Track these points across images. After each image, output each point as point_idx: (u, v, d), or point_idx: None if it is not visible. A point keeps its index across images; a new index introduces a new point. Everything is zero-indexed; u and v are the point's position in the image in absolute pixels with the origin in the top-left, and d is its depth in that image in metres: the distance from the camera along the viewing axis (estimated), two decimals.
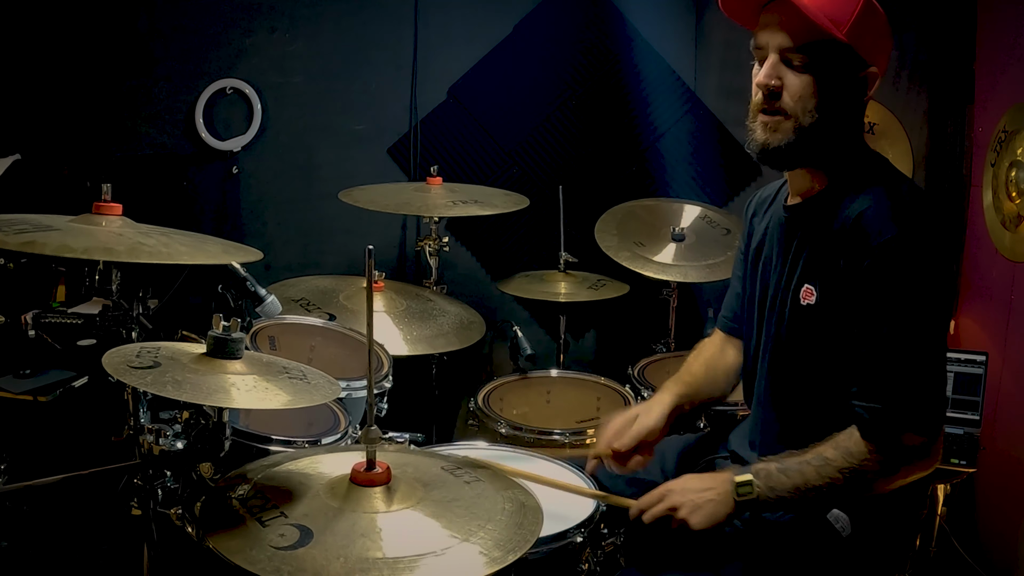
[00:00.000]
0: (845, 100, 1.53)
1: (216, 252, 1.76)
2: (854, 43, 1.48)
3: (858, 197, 1.51)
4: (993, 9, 2.94)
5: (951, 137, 3.11)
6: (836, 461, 1.48)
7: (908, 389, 1.45)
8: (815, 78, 1.49)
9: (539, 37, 3.26)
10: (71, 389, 2.54)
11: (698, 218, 3.02)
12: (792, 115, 1.51)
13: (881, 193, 1.49)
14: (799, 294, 1.58)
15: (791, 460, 1.52)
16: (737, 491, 1.52)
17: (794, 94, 1.50)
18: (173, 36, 3.10)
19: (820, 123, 1.51)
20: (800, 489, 1.50)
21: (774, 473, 1.52)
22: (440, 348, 2.56)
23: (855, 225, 1.48)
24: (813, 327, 1.56)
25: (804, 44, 1.48)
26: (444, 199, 2.78)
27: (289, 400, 1.48)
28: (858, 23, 1.48)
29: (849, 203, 1.52)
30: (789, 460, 1.52)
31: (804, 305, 1.57)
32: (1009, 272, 2.71)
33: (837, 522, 1.57)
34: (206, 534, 1.30)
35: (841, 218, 1.51)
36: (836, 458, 1.48)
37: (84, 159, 3.04)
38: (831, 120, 1.52)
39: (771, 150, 1.55)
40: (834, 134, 1.54)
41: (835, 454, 1.48)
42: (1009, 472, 2.66)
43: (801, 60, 1.49)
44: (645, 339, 3.04)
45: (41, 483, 1.72)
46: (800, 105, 1.51)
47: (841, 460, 1.48)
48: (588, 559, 1.74)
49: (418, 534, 1.31)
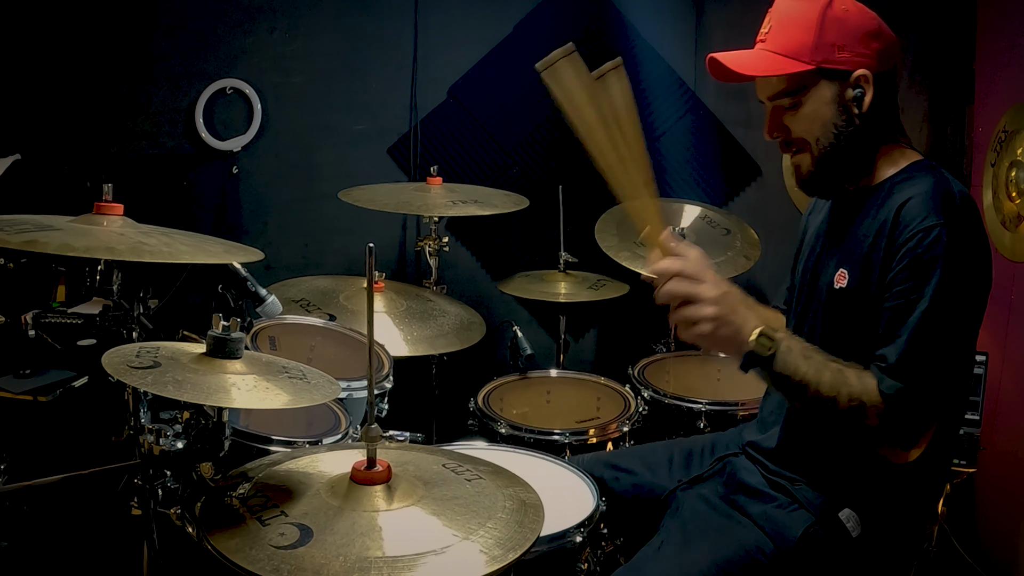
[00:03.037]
0: (850, 111, 1.56)
1: (217, 252, 1.76)
2: (827, 64, 1.54)
3: (904, 189, 1.53)
4: (993, 9, 2.94)
5: (951, 137, 3.12)
6: (852, 386, 1.46)
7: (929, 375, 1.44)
8: (809, 110, 1.57)
9: (539, 37, 3.26)
10: (71, 389, 2.54)
11: (698, 218, 3.03)
12: (808, 143, 1.59)
13: (927, 186, 1.51)
14: (833, 278, 1.60)
15: (817, 355, 1.49)
16: (757, 338, 1.47)
17: (799, 129, 1.60)
18: (173, 36, 3.10)
19: (838, 140, 1.57)
20: (807, 381, 1.47)
21: (797, 350, 1.48)
22: (440, 348, 2.56)
23: (897, 213, 1.49)
24: (843, 310, 1.58)
25: (783, 89, 1.58)
26: (444, 199, 2.78)
27: (289, 400, 1.48)
28: (820, 46, 1.54)
29: (894, 194, 1.54)
30: (816, 353, 1.49)
31: (837, 289, 1.59)
32: (1009, 272, 2.71)
33: (848, 521, 1.57)
34: (206, 534, 1.30)
35: (884, 207, 1.53)
36: (854, 384, 1.46)
37: (84, 159, 3.04)
38: (847, 133, 1.56)
39: (807, 180, 1.64)
40: (860, 141, 1.58)
41: (855, 381, 1.46)
42: (1009, 472, 2.67)
43: (789, 102, 1.59)
44: (645, 339, 3.04)
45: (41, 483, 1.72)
46: (810, 135, 1.59)
47: (857, 388, 1.45)
48: (588, 559, 1.74)
49: (418, 532, 1.31)
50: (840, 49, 1.54)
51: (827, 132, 1.57)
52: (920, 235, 1.45)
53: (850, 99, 1.55)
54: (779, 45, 1.57)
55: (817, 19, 1.53)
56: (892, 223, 1.50)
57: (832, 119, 1.56)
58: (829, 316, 1.61)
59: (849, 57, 1.54)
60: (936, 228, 1.44)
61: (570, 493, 1.87)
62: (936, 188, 1.50)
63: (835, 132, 1.57)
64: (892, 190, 1.55)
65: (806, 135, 1.59)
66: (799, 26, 1.55)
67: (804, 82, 1.56)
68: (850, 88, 1.55)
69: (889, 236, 1.50)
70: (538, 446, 2.18)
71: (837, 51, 1.54)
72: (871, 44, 1.55)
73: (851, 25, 1.54)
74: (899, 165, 1.59)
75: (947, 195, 1.49)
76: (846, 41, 1.54)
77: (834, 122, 1.56)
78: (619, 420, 2.36)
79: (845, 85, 1.55)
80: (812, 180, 1.63)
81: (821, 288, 1.64)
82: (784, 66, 1.55)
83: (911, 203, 1.49)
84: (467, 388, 2.54)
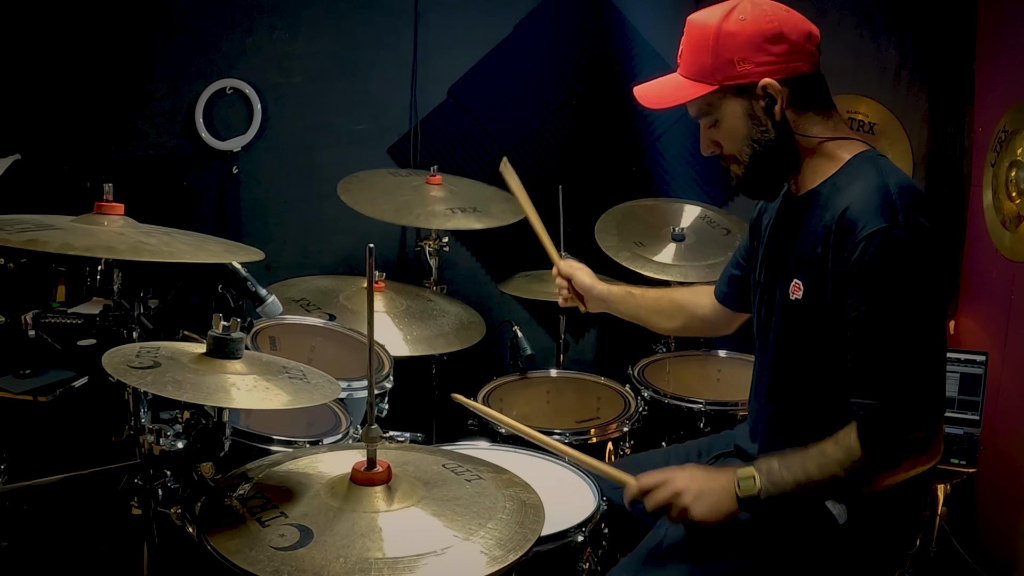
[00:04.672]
0: (764, 122, 1.56)
1: (218, 251, 1.76)
2: (731, 80, 1.54)
3: (844, 190, 1.51)
4: (993, 9, 2.94)
5: (951, 137, 3.11)
6: (837, 455, 1.48)
7: (903, 384, 1.44)
8: (727, 126, 1.59)
9: (539, 37, 3.26)
10: (71, 389, 2.54)
11: (698, 218, 3.02)
12: (735, 157, 1.62)
13: (864, 186, 1.49)
14: (788, 288, 1.60)
15: (793, 456, 1.52)
16: (739, 484, 1.52)
17: (725, 144, 1.62)
18: (173, 36, 3.10)
19: (757, 151, 1.59)
20: (801, 483, 1.50)
21: (776, 468, 1.52)
22: (440, 348, 2.56)
23: (839, 221, 1.48)
24: (802, 321, 1.58)
25: (698, 111, 1.62)
26: (443, 205, 2.78)
27: (289, 400, 1.48)
28: (718, 65, 1.54)
29: (833, 196, 1.53)
30: (791, 456, 1.52)
31: (793, 299, 1.58)
32: (1009, 272, 2.72)
33: (834, 508, 1.58)
34: (206, 534, 1.30)
35: (828, 211, 1.52)
36: (836, 453, 1.48)
37: (84, 159, 3.04)
38: (765, 142, 1.58)
39: (740, 186, 1.66)
40: (783, 146, 1.58)
41: (835, 449, 1.48)
42: (1009, 472, 2.67)
43: (707, 122, 1.63)
44: (645, 339, 3.03)
45: (41, 483, 1.72)
46: (733, 149, 1.61)
47: (842, 455, 1.48)
48: (588, 559, 1.74)
49: (419, 533, 1.31)
50: (740, 63, 1.53)
51: (746, 145, 1.59)
52: (863, 243, 1.44)
53: (760, 109, 1.55)
54: (687, 69, 1.59)
55: (712, 37, 1.53)
56: (836, 231, 1.48)
57: (747, 133, 1.57)
58: (787, 326, 1.62)
59: (752, 68, 1.53)
60: (878, 234, 1.43)
61: (571, 493, 1.87)
62: (874, 187, 1.48)
63: (753, 144, 1.58)
64: (832, 192, 1.54)
65: (731, 150, 1.61)
66: (699, 47, 1.56)
67: (711, 102, 1.58)
68: (759, 99, 1.55)
69: (835, 246, 1.49)
70: (538, 446, 2.17)
71: (736, 66, 1.53)
72: (772, 49, 1.53)
73: (746, 35, 1.52)
74: (839, 161, 1.57)
75: (885, 193, 1.46)
76: (744, 53, 1.53)
77: (750, 136, 1.57)
78: (619, 420, 2.36)
79: (754, 97, 1.55)
80: (745, 187, 1.65)
81: (777, 298, 1.64)
82: (689, 91, 1.57)
83: (851, 209, 1.47)
84: (467, 388, 2.53)
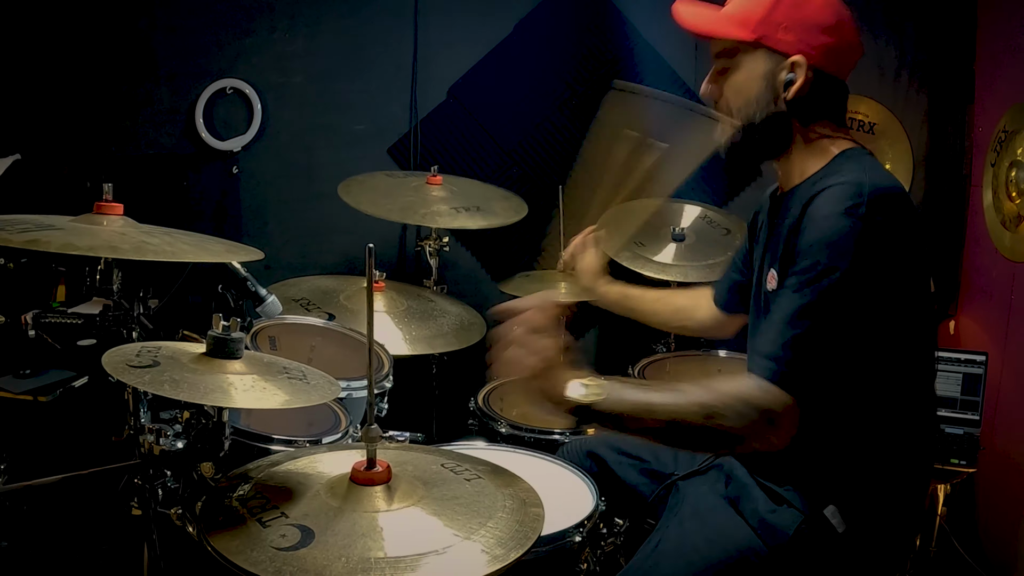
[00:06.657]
0: (776, 93, 1.55)
1: (219, 251, 1.76)
2: (766, 40, 1.53)
3: (820, 185, 1.50)
4: (993, 9, 2.94)
5: (951, 137, 3.12)
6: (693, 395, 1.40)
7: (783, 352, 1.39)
8: (739, 79, 1.57)
9: (539, 37, 3.26)
10: (71, 389, 2.54)
11: (698, 218, 3.02)
12: (729, 109, 1.60)
13: (840, 179, 1.47)
14: (766, 279, 1.59)
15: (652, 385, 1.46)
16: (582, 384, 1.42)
17: (728, 95, 1.59)
18: (173, 36, 3.10)
19: (755, 117, 1.56)
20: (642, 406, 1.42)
21: (626, 386, 1.44)
22: (440, 348, 2.56)
23: (806, 208, 1.47)
24: None
25: (723, 50, 1.58)
26: (445, 205, 2.78)
27: (288, 400, 1.48)
28: (767, 21, 1.53)
29: (811, 191, 1.51)
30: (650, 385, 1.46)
31: (770, 291, 1.57)
32: (1009, 272, 2.72)
33: (833, 517, 1.57)
34: (206, 534, 1.30)
35: (801, 204, 1.50)
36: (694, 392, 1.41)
37: (84, 159, 3.04)
38: (767, 113, 1.56)
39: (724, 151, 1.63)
40: (779, 125, 1.57)
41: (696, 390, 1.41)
42: (1009, 472, 2.67)
43: (722, 65, 1.59)
44: (645, 339, 3.04)
45: (41, 483, 1.72)
46: (733, 104, 1.59)
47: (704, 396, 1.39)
48: (587, 559, 1.74)
49: (419, 533, 1.31)
50: (786, 30, 1.53)
51: (748, 106, 1.57)
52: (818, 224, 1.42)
53: (780, 81, 1.54)
54: (734, 8, 1.58)
55: None
56: (800, 218, 1.48)
57: (757, 95, 1.56)
58: None
59: (793, 41, 1.53)
60: (832, 217, 1.41)
61: (569, 493, 1.87)
62: (849, 182, 1.46)
63: (755, 108, 1.56)
64: (810, 186, 1.53)
65: (731, 103, 1.59)
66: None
67: (740, 50, 1.56)
68: (784, 71, 1.54)
69: (798, 230, 1.47)
70: (538, 446, 2.17)
71: (782, 31, 1.53)
72: (821, 38, 1.53)
73: (806, 12, 1.54)
74: (828, 157, 1.57)
75: (857, 189, 1.44)
76: (795, 25, 1.53)
77: (757, 98, 1.56)
78: None
79: (779, 66, 1.54)
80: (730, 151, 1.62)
81: (762, 291, 1.63)
82: (726, 28, 1.56)
83: (819, 197, 1.46)
84: (467, 388, 2.53)
